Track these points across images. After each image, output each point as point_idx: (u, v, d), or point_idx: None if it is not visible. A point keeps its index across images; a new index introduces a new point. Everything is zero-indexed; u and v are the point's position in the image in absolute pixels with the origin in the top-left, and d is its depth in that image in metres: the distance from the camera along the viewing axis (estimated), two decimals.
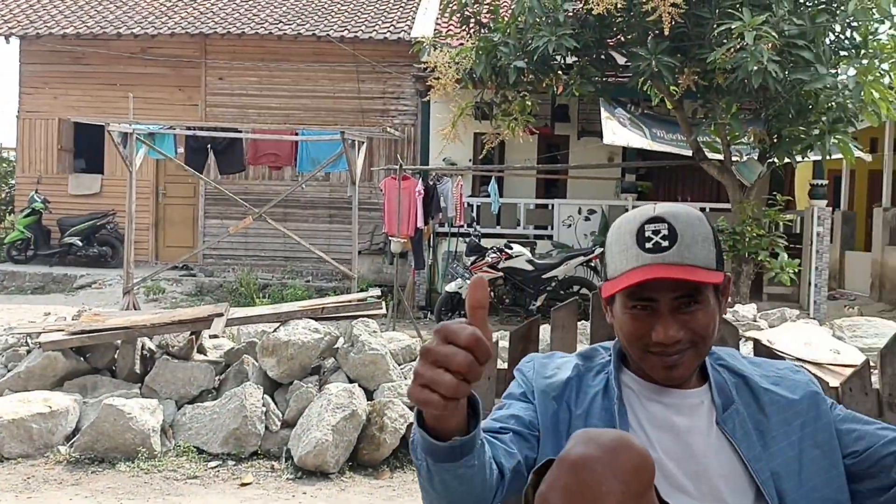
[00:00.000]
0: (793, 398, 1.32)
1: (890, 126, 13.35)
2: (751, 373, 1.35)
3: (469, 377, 0.94)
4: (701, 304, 1.25)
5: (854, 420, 1.32)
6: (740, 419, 1.29)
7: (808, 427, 1.29)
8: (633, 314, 1.26)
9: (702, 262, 1.23)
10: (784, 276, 8.40)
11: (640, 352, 1.28)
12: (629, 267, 1.24)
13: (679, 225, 1.24)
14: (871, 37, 8.07)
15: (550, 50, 7.52)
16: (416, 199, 9.40)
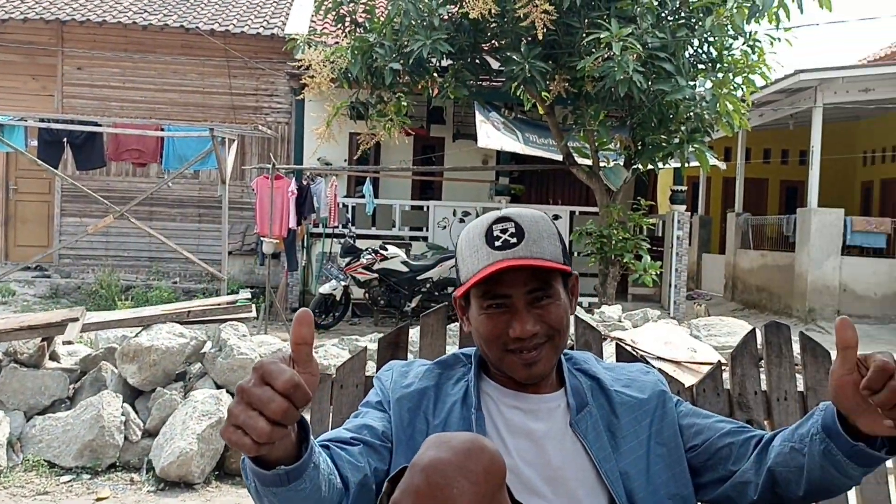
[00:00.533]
0: (642, 398, 1.36)
1: (742, 136, 14.26)
2: (604, 376, 1.39)
3: (284, 422, 0.90)
4: (553, 298, 1.28)
5: (694, 415, 1.38)
6: (593, 421, 1.32)
7: (655, 425, 1.34)
8: (488, 314, 1.28)
9: (549, 255, 1.27)
10: (647, 278, 8.77)
11: (498, 352, 1.29)
12: (481, 266, 1.26)
13: (525, 223, 1.28)
14: (726, 52, 8.56)
15: (425, 54, 7.53)
16: (288, 199, 9.20)
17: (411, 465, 0.99)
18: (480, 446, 0.99)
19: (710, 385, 1.67)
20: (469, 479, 0.95)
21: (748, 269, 13.33)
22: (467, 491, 0.95)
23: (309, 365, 0.97)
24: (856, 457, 1.13)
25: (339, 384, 1.63)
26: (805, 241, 11.16)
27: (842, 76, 10.82)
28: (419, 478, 0.96)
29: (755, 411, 1.65)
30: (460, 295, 1.33)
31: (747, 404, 1.65)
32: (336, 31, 9.25)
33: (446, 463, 0.96)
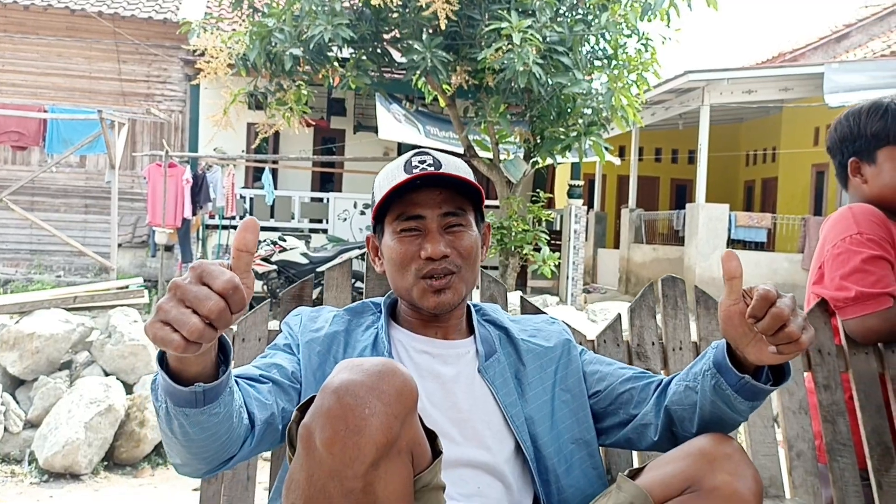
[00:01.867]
0: (548, 346, 1.40)
1: (635, 136, 14.77)
2: (511, 326, 1.42)
3: (217, 324, 0.86)
4: (465, 227, 1.31)
5: (598, 362, 1.42)
6: (501, 368, 1.34)
7: (560, 372, 1.38)
8: (401, 238, 1.29)
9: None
10: (546, 269, 8.94)
11: (411, 278, 1.29)
12: (397, 182, 1.26)
13: (443, 158, 1.32)
14: (621, 49, 8.83)
15: (326, 39, 7.44)
16: (183, 188, 8.89)
17: (322, 389, 0.97)
18: (392, 369, 0.98)
19: (610, 336, 1.70)
20: (381, 400, 0.94)
21: (641, 263, 13.80)
22: (379, 411, 0.94)
23: (248, 276, 0.93)
24: (743, 390, 1.17)
25: (242, 338, 1.58)
26: (693, 235, 11.64)
27: (727, 77, 11.34)
28: (331, 399, 0.95)
29: (653, 360, 1.70)
30: (374, 214, 1.33)
31: (645, 354, 1.70)
32: (233, 16, 9.01)
33: (358, 384, 0.95)
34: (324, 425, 0.93)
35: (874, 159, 1.82)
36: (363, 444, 0.92)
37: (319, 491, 0.94)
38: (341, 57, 8.71)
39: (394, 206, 1.30)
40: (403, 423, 0.96)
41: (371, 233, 1.40)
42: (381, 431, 0.93)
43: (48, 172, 11.05)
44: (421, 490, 1.02)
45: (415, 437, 1.00)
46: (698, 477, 1.14)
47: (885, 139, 1.80)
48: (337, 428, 0.92)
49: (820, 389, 1.74)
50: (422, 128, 10.80)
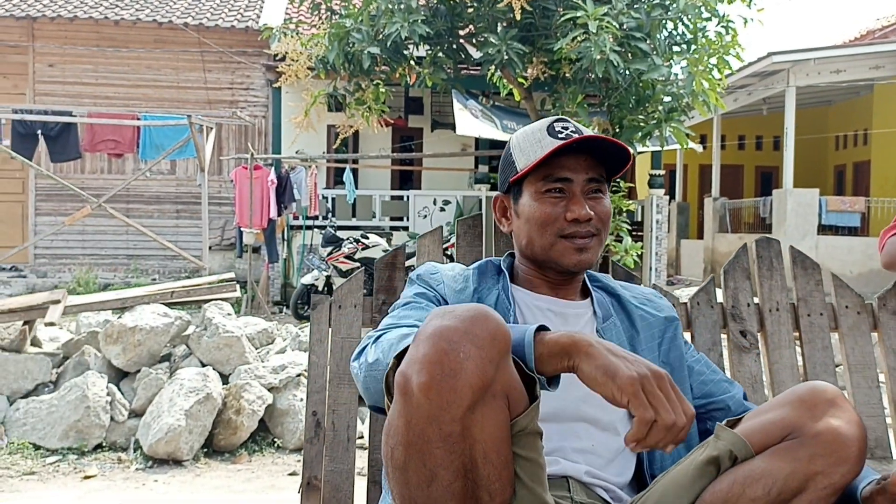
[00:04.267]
0: (658, 316, 1.44)
1: (717, 123, 14.40)
2: (623, 293, 1.44)
3: None
4: (604, 194, 1.37)
5: (706, 365, 1.45)
6: (616, 331, 1.38)
7: (665, 345, 1.42)
8: (547, 198, 1.33)
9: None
10: (628, 259, 8.80)
11: (551, 237, 1.33)
12: (547, 150, 1.30)
13: (582, 128, 1.37)
14: (701, 33, 8.63)
15: (403, 36, 7.53)
16: (268, 189, 9.15)
17: (416, 336, 1.00)
18: (484, 313, 1.00)
19: (703, 298, 1.69)
20: (475, 344, 0.96)
21: (726, 253, 13.44)
22: (473, 355, 0.96)
23: None
24: None
25: (338, 305, 1.63)
26: (782, 222, 11.28)
27: (813, 58, 10.95)
28: (426, 345, 0.97)
29: (748, 322, 1.67)
30: (521, 176, 1.35)
31: (741, 315, 1.68)
32: (312, 20, 9.21)
33: (452, 330, 0.97)
34: (420, 370, 0.95)
35: None
36: (459, 388, 0.94)
37: (418, 435, 0.96)
38: (417, 55, 8.81)
39: (538, 169, 1.33)
40: (498, 367, 0.98)
41: (501, 193, 1.43)
42: (476, 374, 0.94)
43: (141, 180, 11.54)
44: (518, 434, 1.04)
45: (510, 380, 1.02)
46: (800, 423, 1.13)
47: None
48: (433, 372, 0.94)
49: None
50: (499, 122, 10.80)
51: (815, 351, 1.66)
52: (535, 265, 1.38)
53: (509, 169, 1.38)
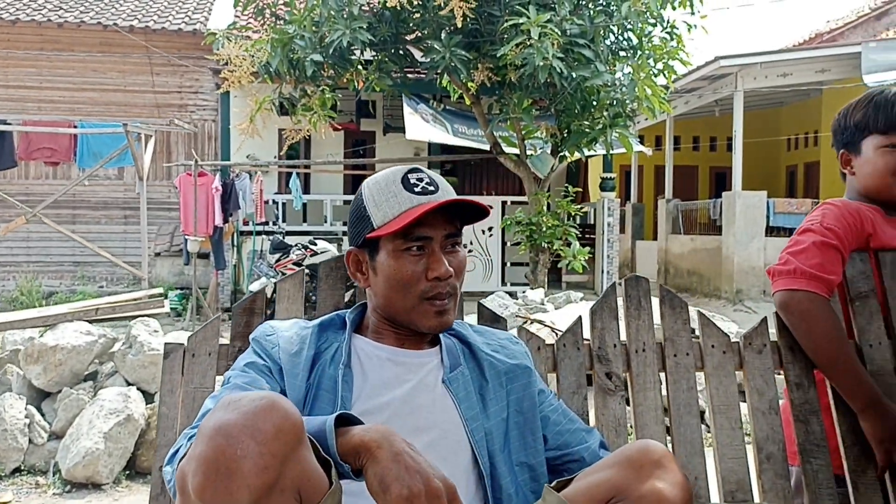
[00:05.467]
0: (510, 364, 1.40)
1: (670, 124, 14.53)
2: (475, 340, 1.42)
3: None
4: (460, 247, 1.33)
5: (563, 414, 1.42)
6: (464, 381, 1.34)
7: (516, 394, 1.38)
8: (406, 258, 1.28)
9: None
10: (576, 264, 8.85)
11: (414, 300, 1.29)
12: (405, 208, 1.27)
13: (434, 177, 1.33)
14: (646, 38, 8.68)
15: (345, 43, 7.46)
16: (213, 196, 9.02)
17: (198, 430, 0.96)
18: (270, 405, 0.94)
19: (569, 339, 1.67)
20: (256, 439, 0.91)
21: (679, 254, 13.58)
22: (253, 452, 0.90)
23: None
24: None
25: (192, 353, 1.58)
26: (731, 224, 11.41)
27: (760, 62, 11.08)
28: (203, 442, 0.92)
29: (614, 363, 1.66)
30: (374, 236, 1.29)
31: (607, 357, 1.66)
32: (257, 25, 9.11)
33: (232, 424, 0.92)
34: (196, 470, 0.90)
35: (859, 150, 1.79)
36: (235, 489, 0.89)
37: None
38: (365, 59, 8.75)
39: (394, 224, 1.27)
40: (285, 462, 0.92)
41: (355, 247, 1.37)
42: (254, 473, 0.89)
43: (88, 186, 11.30)
44: None
45: (304, 472, 0.96)
46: (625, 485, 1.11)
47: (867, 128, 1.77)
48: (208, 472, 0.89)
49: (792, 388, 1.68)
50: (450, 126, 10.78)
51: (680, 392, 1.65)
52: (390, 321, 1.35)
53: (363, 223, 1.33)
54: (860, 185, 1.80)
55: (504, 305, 5.63)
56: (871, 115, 1.75)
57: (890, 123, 1.73)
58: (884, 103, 1.76)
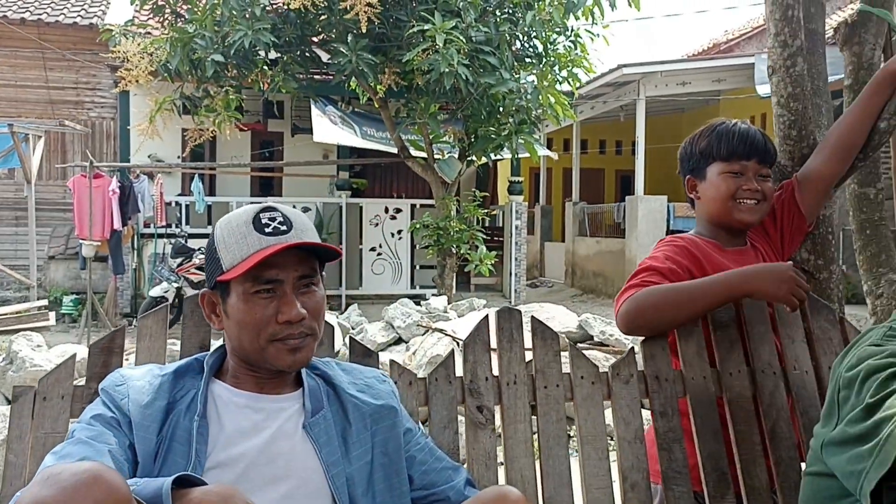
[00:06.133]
0: (375, 405, 1.38)
1: (577, 128, 14.84)
2: (341, 381, 1.39)
3: None
4: (317, 287, 1.30)
5: (430, 453, 1.42)
6: (326, 424, 1.31)
7: (382, 435, 1.36)
8: (256, 301, 1.24)
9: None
10: (483, 268, 8.94)
11: (263, 342, 1.25)
12: (253, 250, 1.23)
13: (290, 215, 1.29)
14: (551, 47, 8.84)
15: (248, 45, 7.30)
16: (110, 199, 8.68)
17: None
18: (92, 479, 0.91)
19: (442, 374, 1.67)
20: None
21: (585, 256, 13.89)
22: None
23: None
24: None
25: (43, 396, 1.50)
26: (633, 227, 11.74)
27: (660, 70, 11.45)
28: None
29: (486, 396, 1.67)
30: (226, 279, 1.25)
31: (478, 390, 1.67)
32: (156, 22, 8.82)
33: (50, 501, 0.88)
34: None
35: (704, 176, 1.88)
36: None
37: None
38: (270, 60, 8.59)
39: (241, 267, 1.23)
40: None
41: (209, 289, 1.33)
42: None
43: None
44: None
45: None
46: None
47: (711, 155, 1.86)
48: None
49: (657, 416, 1.72)
50: (358, 129, 10.71)
51: (550, 424, 1.67)
52: (247, 364, 1.31)
53: (214, 265, 1.29)
54: (705, 210, 1.91)
55: (407, 314, 5.63)
56: (715, 143, 1.86)
57: (731, 151, 1.84)
58: (726, 133, 1.86)
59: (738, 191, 1.82)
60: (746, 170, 1.83)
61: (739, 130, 1.85)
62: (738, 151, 1.83)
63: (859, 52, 2.35)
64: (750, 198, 1.83)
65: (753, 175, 1.84)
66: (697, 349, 1.78)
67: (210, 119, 8.74)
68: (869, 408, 1.08)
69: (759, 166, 1.84)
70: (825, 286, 2.01)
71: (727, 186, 1.83)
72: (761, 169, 1.85)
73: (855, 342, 1.25)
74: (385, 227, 11.23)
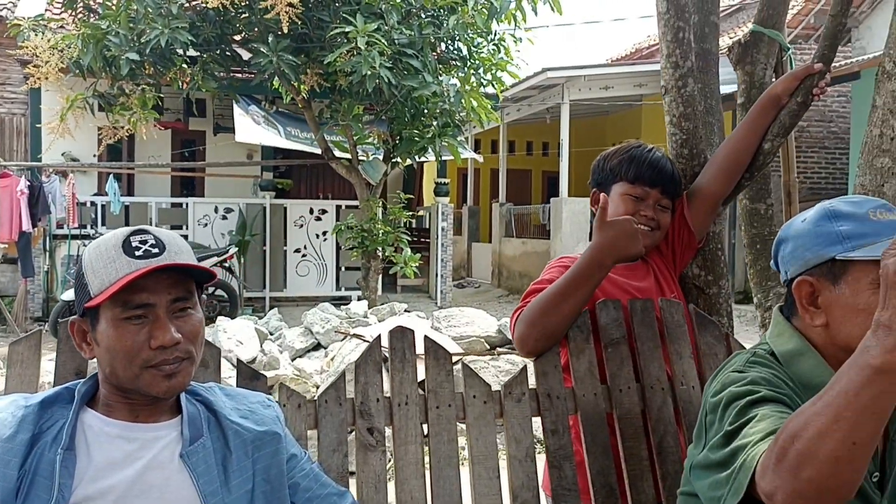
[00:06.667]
0: (257, 431, 1.35)
1: (504, 130, 14.97)
2: (222, 407, 1.35)
3: None
4: (194, 310, 1.25)
5: (315, 479, 1.40)
6: (205, 453, 1.28)
7: (263, 462, 1.33)
8: (127, 327, 1.20)
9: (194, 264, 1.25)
10: (408, 270, 8.94)
11: (137, 369, 1.21)
12: (121, 274, 1.18)
13: (163, 236, 1.24)
14: (475, 50, 8.88)
15: (163, 43, 7.11)
16: (18, 200, 8.34)
17: None
18: None
19: (332, 395, 1.65)
20: None
21: (512, 257, 14.02)
22: None
23: None
24: None
25: None
26: (558, 229, 11.91)
27: (584, 74, 11.63)
28: None
29: (376, 418, 1.66)
30: (93, 304, 1.20)
31: (369, 412, 1.66)
32: (69, 17, 8.50)
33: None
34: None
35: (609, 192, 1.94)
36: None
37: None
38: (190, 57, 8.38)
39: (108, 292, 1.18)
40: None
41: (78, 317, 1.28)
42: None
43: None
44: None
45: None
46: None
47: (619, 174, 1.92)
48: None
49: (548, 434, 1.75)
50: (282, 129, 10.57)
51: (441, 444, 1.68)
52: (120, 391, 1.27)
53: (82, 292, 1.24)
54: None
55: (326, 319, 5.58)
56: (626, 164, 1.91)
57: (637, 175, 1.89)
58: (638, 156, 1.91)
59: (635, 215, 1.87)
60: (648, 196, 1.89)
61: (652, 158, 1.90)
62: (644, 177, 1.88)
63: (751, 72, 2.43)
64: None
65: (654, 203, 1.90)
66: (589, 366, 1.81)
67: (125, 118, 8.49)
68: (728, 435, 1.11)
69: (661, 196, 1.90)
70: (714, 301, 2.07)
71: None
72: (662, 199, 1.91)
73: (722, 367, 1.29)
74: (310, 228, 11.11)
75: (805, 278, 1.22)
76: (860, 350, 0.89)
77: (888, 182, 1.76)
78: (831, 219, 1.21)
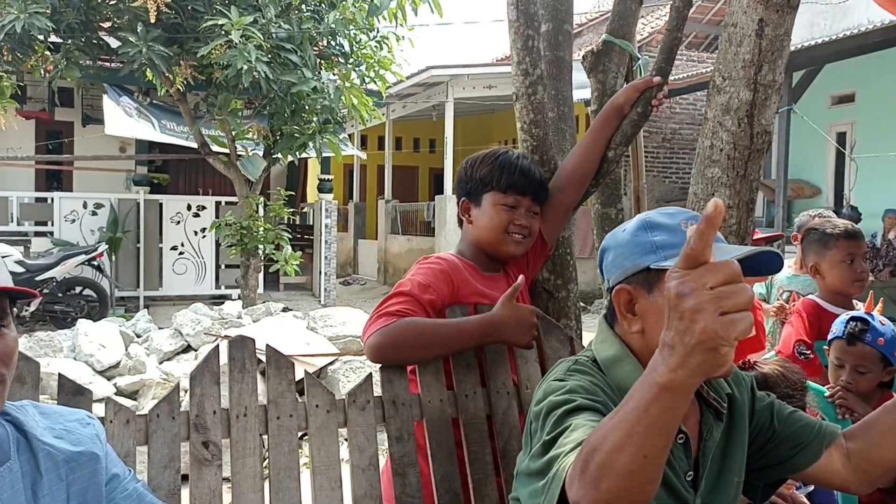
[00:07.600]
0: (71, 452, 1.26)
1: (389, 126, 14.94)
2: (34, 427, 1.26)
3: None
4: (8, 328, 1.16)
5: (138, 499, 1.33)
6: (12, 477, 1.19)
7: (79, 484, 1.26)
8: None
9: (2, 280, 1.17)
10: (289, 268, 8.76)
11: None
12: None
13: None
14: (357, 47, 8.80)
15: (18, 28, 6.69)
16: None
17: None
18: None
19: (164, 409, 1.59)
20: None
21: (397, 254, 14.02)
22: None
23: None
24: None
25: None
26: (442, 226, 11.99)
27: (468, 73, 11.75)
28: None
29: (213, 431, 1.60)
30: None
31: (205, 425, 1.60)
32: None
33: None
34: None
35: (479, 202, 1.91)
36: None
37: None
38: (53, 43, 7.92)
39: None
40: None
41: None
42: None
43: None
44: None
45: None
46: None
47: (489, 184, 1.90)
48: None
49: (392, 442, 1.74)
50: (157, 122, 10.16)
51: (281, 455, 1.64)
52: None
53: None
54: (474, 235, 1.95)
55: (197, 320, 5.39)
56: (496, 173, 1.89)
57: (510, 184, 1.89)
58: (508, 165, 1.90)
59: (510, 224, 1.88)
60: (520, 204, 1.89)
61: (521, 166, 1.90)
62: (516, 186, 1.88)
63: (604, 80, 2.50)
64: (519, 232, 1.89)
65: (525, 211, 1.90)
66: (435, 372, 1.81)
67: None
68: (545, 444, 1.13)
69: (532, 203, 1.91)
70: (563, 304, 2.12)
71: (500, 219, 1.87)
72: (533, 206, 1.92)
73: (547, 374, 1.31)
74: (188, 224, 10.74)
75: (624, 286, 1.25)
76: (649, 368, 0.92)
77: (718, 191, 1.84)
78: (647, 229, 1.25)
